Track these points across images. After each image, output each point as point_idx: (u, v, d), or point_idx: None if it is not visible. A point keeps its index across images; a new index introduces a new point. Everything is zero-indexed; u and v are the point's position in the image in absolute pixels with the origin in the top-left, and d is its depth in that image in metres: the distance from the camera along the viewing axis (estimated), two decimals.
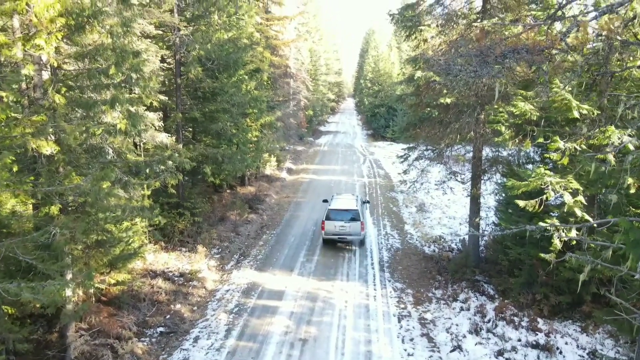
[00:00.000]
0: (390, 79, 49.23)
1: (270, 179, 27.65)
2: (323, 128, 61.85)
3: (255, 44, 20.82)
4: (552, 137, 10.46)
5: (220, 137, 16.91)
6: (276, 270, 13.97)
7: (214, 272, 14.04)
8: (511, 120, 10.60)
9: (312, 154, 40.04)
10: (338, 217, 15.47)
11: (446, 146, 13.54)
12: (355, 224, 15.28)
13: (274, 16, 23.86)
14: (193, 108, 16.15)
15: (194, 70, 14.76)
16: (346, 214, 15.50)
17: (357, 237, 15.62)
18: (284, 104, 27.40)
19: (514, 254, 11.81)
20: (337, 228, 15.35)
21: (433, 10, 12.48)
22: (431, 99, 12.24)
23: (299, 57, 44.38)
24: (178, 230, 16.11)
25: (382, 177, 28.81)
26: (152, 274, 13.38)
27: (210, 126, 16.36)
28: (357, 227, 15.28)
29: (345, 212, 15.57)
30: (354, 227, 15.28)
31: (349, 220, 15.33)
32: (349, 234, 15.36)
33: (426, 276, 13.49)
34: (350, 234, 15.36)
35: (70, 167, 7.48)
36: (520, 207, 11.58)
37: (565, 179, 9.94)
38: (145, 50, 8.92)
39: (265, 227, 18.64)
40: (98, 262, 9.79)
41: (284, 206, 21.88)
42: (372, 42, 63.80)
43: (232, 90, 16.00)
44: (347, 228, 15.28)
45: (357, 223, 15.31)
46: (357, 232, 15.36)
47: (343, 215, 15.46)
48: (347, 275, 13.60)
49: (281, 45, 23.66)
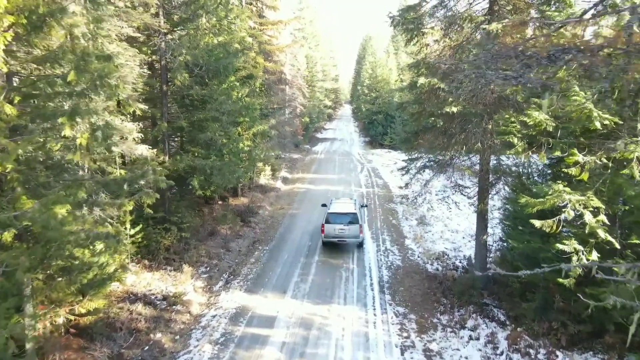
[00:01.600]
0: (388, 85, 48.42)
1: (264, 189, 26.63)
2: (320, 135, 60.96)
3: (247, 49, 19.92)
4: (570, 149, 9.55)
5: (209, 148, 15.90)
6: (268, 292, 12.91)
7: (200, 294, 12.97)
8: (524, 131, 9.67)
9: (308, 162, 39.06)
10: (337, 220, 15.82)
11: (450, 158, 12.57)
12: (354, 227, 15.69)
13: (268, 21, 22.96)
14: (180, 117, 15.17)
15: (181, 77, 13.81)
16: (345, 217, 15.87)
17: (355, 240, 15.95)
18: (278, 111, 26.44)
19: (526, 276, 10.81)
20: (336, 231, 15.76)
21: (436, 12, 11.56)
22: (435, 108, 11.29)
23: (295, 63, 43.56)
24: (163, 246, 15.05)
25: (380, 187, 27.82)
26: (133, 297, 12.30)
27: (199, 136, 15.37)
28: (355, 230, 15.68)
29: (344, 215, 15.93)
30: (353, 230, 15.68)
31: (347, 224, 15.73)
32: (348, 236, 15.76)
33: (430, 298, 12.46)
34: (349, 236, 15.76)
35: (23, 188, 6.44)
36: (532, 224, 10.63)
37: (585, 196, 8.97)
38: (117, 55, 7.92)
39: (258, 242, 17.58)
40: (65, 291, 8.75)
41: (278, 219, 20.84)
42: (369, 48, 63.09)
43: (221, 97, 15.02)
44: (346, 231, 15.70)
45: (355, 226, 15.69)
46: (355, 235, 15.73)
47: (342, 219, 15.83)
48: (345, 297, 12.55)
49: (275, 50, 22.75)
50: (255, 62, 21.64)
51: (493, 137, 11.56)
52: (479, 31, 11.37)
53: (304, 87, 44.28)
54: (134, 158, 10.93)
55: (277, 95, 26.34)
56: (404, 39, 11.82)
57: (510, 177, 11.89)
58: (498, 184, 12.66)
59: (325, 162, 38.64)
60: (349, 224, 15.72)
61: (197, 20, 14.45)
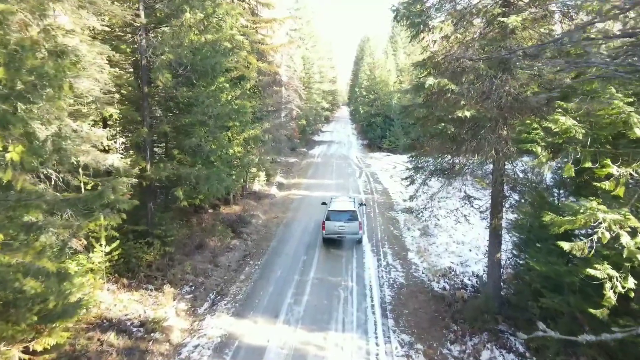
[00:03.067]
0: (387, 87, 47.28)
1: (258, 195, 25.35)
2: (317, 138, 59.74)
3: (237, 48, 18.65)
4: (602, 160, 8.32)
5: (196, 154, 14.61)
6: (258, 316, 11.62)
7: (183, 317, 11.67)
8: (548, 139, 8.46)
9: (304, 166, 37.79)
10: (337, 217, 16.38)
11: (460, 167, 11.33)
12: (354, 224, 16.23)
13: (262, 19, 21.69)
14: (163, 121, 13.89)
15: (163, 77, 12.54)
16: (344, 214, 16.44)
17: (355, 236, 16.46)
18: (273, 114, 25.17)
19: (548, 302, 9.57)
20: (336, 228, 16.30)
21: (444, 4, 10.32)
22: (445, 112, 10.05)
23: (291, 64, 42.40)
24: (145, 263, 13.77)
25: (380, 193, 26.56)
26: (106, 323, 10.99)
27: (185, 142, 14.09)
28: (355, 226, 16.22)
29: (343, 213, 16.51)
30: (352, 226, 16.23)
31: (347, 221, 16.28)
32: (348, 233, 16.27)
33: (438, 324, 11.19)
34: (349, 233, 16.27)
35: None
36: (554, 243, 9.41)
37: (621, 215, 7.71)
38: (77, 51, 6.64)
39: (249, 256, 16.28)
40: (15, 327, 7.46)
41: (271, 229, 19.55)
42: (367, 50, 62.02)
43: (208, 100, 13.73)
44: (345, 228, 16.24)
45: (355, 223, 16.24)
46: (355, 231, 16.24)
47: (342, 216, 16.40)
48: (343, 322, 11.27)
49: (269, 50, 21.49)
50: (248, 62, 20.36)
51: (508, 145, 10.33)
52: (492, 25, 10.15)
53: (300, 88, 43.06)
54: (103, 170, 9.62)
55: (272, 98, 25.09)
56: (408, 36, 10.59)
57: (528, 189, 10.65)
58: (513, 197, 11.44)
59: (323, 167, 37.37)
60: (349, 221, 16.25)
61: (181, 16, 13.20)
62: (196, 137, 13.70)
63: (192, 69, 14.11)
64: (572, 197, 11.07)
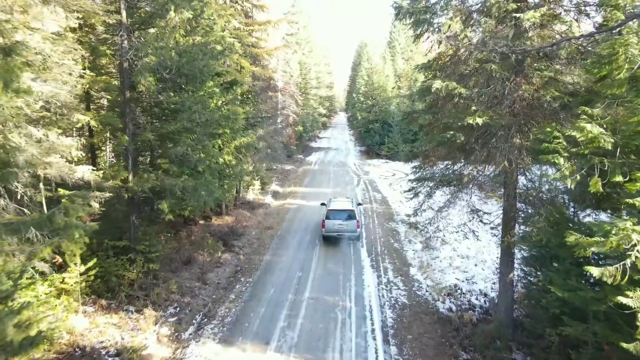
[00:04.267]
0: (385, 92, 46.44)
1: (252, 205, 24.32)
2: (314, 144, 58.85)
3: (229, 51, 17.72)
4: (633, 173, 7.37)
5: (182, 164, 13.60)
6: (247, 343, 10.57)
7: (165, 345, 10.60)
8: (572, 150, 7.51)
9: (301, 174, 36.80)
10: (337, 216, 17.25)
11: (469, 179, 10.36)
12: (352, 222, 17.07)
13: (255, 21, 20.76)
14: (147, 128, 12.88)
15: (145, 81, 11.55)
16: (343, 213, 17.29)
17: (353, 234, 17.28)
18: (267, 120, 24.19)
19: (569, 330, 8.57)
20: (336, 226, 17.12)
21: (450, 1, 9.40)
22: (453, 118, 9.08)
23: (287, 69, 41.57)
24: (127, 281, 12.74)
25: (379, 203, 25.57)
26: (79, 352, 9.93)
27: (170, 150, 13.08)
28: (353, 224, 17.06)
29: (342, 212, 17.35)
30: (351, 224, 17.06)
31: (346, 219, 17.12)
32: (347, 231, 17.09)
33: (446, 352, 10.15)
34: (348, 230, 17.09)
35: None
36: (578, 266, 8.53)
37: None
38: (27, 47, 5.66)
39: (240, 272, 15.23)
40: None
41: (265, 242, 18.51)
42: (364, 55, 61.26)
43: (195, 106, 12.74)
44: (344, 226, 17.06)
45: (353, 221, 17.09)
46: (353, 229, 17.08)
47: (341, 215, 17.25)
48: (341, 351, 10.22)
49: (263, 53, 20.55)
50: (241, 66, 19.43)
51: (522, 155, 9.37)
52: (504, 23, 9.22)
53: (296, 94, 42.20)
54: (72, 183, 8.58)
55: (266, 103, 24.13)
56: (412, 35, 9.63)
57: (543, 202, 9.67)
58: (525, 209, 10.45)
59: (319, 174, 36.39)
60: (347, 220, 17.07)
61: (165, 16, 12.25)
62: (182, 146, 12.69)
63: (179, 72, 13.16)
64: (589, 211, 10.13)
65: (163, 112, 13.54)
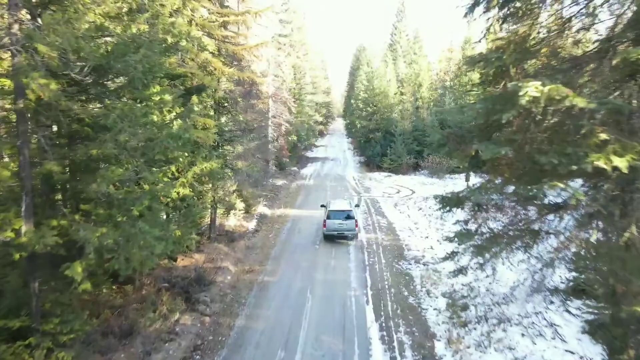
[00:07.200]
0: (387, 99, 42.42)
1: (232, 236, 20.01)
2: (310, 153, 54.72)
3: (199, 47, 13.55)
4: None
5: (111, 205, 9.38)
6: None
7: None
8: None
9: (294, 190, 32.57)
10: (337, 216, 18.66)
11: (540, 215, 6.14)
12: (351, 222, 18.57)
13: (231, 11, 16.59)
14: (50, 154, 8.67)
15: (35, 83, 7.41)
16: (343, 213, 18.77)
17: (352, 233, 18.71)
18: (248, 134, 19.93)
19: None
20: (336, 225, 18.52)
21: None
22: (560, 156, 4.88)
23: (279, 73, 37.49)
24: None
25: (384, 232, 21.29)
26: None
27: (86, 188, 8.89)
28: (352, 224, 18.56)
29: (342, 212, 18.84)
30: (350, 224, 18.55)
31: (345, 219, 18.58)
32: (346, 230, 18.55)
33: None
34: (347, 230, 18.56)
35: None
36: None
37: None
38: None
39: (202, 348, 10.99)
40: None
41: (241, 293, 14.25)
42: (363, 59, 57.39)
43: (122, 124, 8.52)
44: (344, 225, 18.52)
45: (351, 221, 18.59)
46: (352, 229, 18.59)
47: (340, 215, 18.70)
48: None
49: (242, 51, 16.38)
50: (212, 66, 15.24)
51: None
52: None
53: (290, 101, 38.07)
54: None
55: (248, 113, 19.97)
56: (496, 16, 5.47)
57: None
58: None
59: (315, 190, 32.17)
60: (346, 219, 18.55)
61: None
62: (101, 181, 8.47)
63: (102, 72, 9.04)
64: None
65: (76, 132, 9.35)
